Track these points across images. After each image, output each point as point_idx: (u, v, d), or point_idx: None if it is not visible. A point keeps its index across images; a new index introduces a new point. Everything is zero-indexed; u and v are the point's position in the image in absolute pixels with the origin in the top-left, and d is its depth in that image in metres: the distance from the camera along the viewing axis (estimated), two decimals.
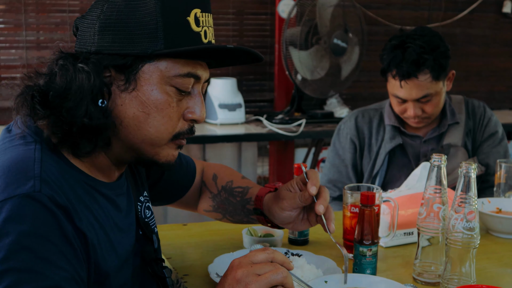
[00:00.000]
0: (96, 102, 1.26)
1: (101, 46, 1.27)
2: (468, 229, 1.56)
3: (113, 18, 1.27)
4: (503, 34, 5.29)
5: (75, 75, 1.24)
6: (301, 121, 4.12)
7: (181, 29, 1.29)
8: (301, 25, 4.06)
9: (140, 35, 1.26)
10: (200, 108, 1.37)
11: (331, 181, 2.74)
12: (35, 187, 1.16)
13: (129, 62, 1.27)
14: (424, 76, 2.47)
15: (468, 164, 1.56)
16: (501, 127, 2.72)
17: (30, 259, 1.10)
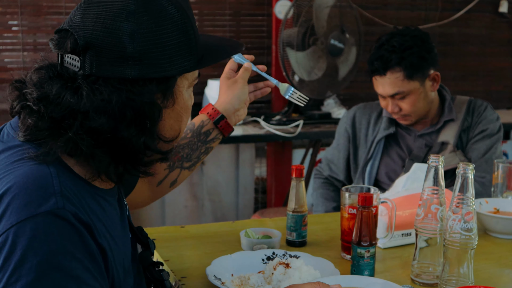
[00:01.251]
0: (150, 129, 1.22)
1: (141, 71, 1.19)
2: (466, 230, 1.56)
3: (149, 42, 1.19)
4: (500, 34, 5.30)
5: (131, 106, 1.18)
6: (299, 122, 4.12)
7: (197, 37, 1.28)
8: (298, 26, 4.06)
9: (177, 53, 1.23)
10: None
11: (327, 159, 2.93)
12: (58, 204, 1.11)
13: (171, 82, 1.26)
14: (394, 74, 2.58)
15: (466, 165, 1.57)
16: (497, 126, 2.69)
17: (61, 278, 1.08)
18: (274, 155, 4.54)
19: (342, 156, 2.86)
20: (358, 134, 2.83)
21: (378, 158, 2.74)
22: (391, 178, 2.69)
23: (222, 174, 4.60)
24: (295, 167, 1.92)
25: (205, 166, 4.56)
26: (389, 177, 2.70)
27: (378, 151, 2.74)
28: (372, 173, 2.72)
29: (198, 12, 4.44)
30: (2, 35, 4.09)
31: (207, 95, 4.18)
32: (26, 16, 4.09)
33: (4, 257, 1.06)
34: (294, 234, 1.94)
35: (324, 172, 2.92)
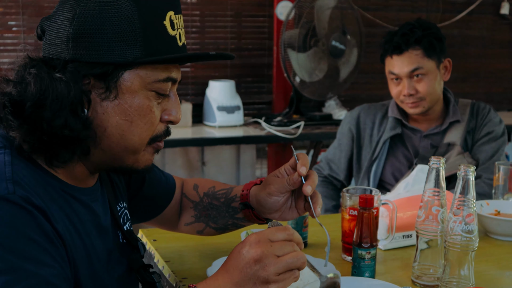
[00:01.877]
0: (76, 112, 1.23)
1: (76, 53, 1.23)
2: (467, 232, 1.56)
3: (88, 24, 1.22)
4: (501, 36, 5.30)
5: (52, 85, 1.20)
6: (300, 123, 4.12)
7: (159, 34, 1.27)
8: (299, 27, 4.06)
9: (119, 42, 1.23)
10: (177, 109, 1.36)
11: (327, 158, 2.93)
12: (8, 189, 1.14)
13: (110, 71, 1.24)
14: (415, 51, 2.63)
15: (467, 167, 1.57)
16: (502, 129, 2.73)
17: (16, 259, 1.09)
18: (275, 156, 4.54)
19: (344, 156, 2.86)
20: (362, 134, 2.83)
21: (383, 159, 2.74)
22: (396, 178, 2.69)
23: (223, 175, 4.60)
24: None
25: (206, 167, 4.56)
26: (395, 177, 2.70)
27: (383, 151, 2.74)
28: (377, 174, 2.73)
29: (200, 13, 4.44)
30: (3, 35, 4.09)
31: (208, 96, 4.18)
32: (27, 16, 4.09)
33: None
34: None
35: (323, 171, 2.92)
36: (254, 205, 1.63)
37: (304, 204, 1.57)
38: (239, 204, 1.66)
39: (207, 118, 4.19)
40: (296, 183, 1.53)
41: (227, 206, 1.70)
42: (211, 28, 4.47)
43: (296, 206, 1.59)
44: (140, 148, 1.32)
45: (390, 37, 2.68)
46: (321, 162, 2.95)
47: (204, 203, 1.74)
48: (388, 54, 2.68)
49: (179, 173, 4.51)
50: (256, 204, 1.62)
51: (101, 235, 1.37)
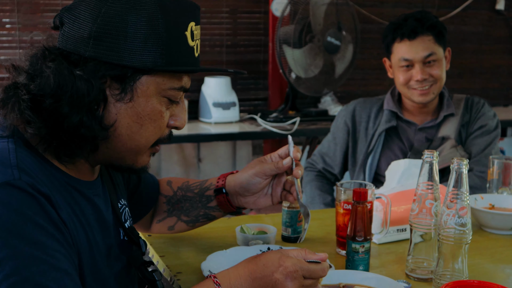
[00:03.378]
0: (92, 111, 1.24)
1: (97, 52, 1.23)
2: (460, 225, 1.57)
3: (112, 25, 1.23)
4: (497, 31, 5.30)
5: (72, 81, 1.20)
6: (295, 119, 4.12)
7: (180, 44, 1.29)
8: (295, 23, 4.06)
9: (141, 47, 1.24)
10: (183, 115, 1.39)
11: (321, 152, 2.93)
12: (14, 175, 1.14)
13: (128, 74, 1.26)
14: (427, 37, 2.65)
15: (460, 160, 1.57)
16: (495, 122, 2.76)
17: (24, 244, 1.09)
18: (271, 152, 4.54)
19: (339, 149, 2.87)
20: (358, 127, 2.84)
21: (378, 151, 2.75)
22: None
23: (219, 171, 4.60)
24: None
25: (201, 163, 4.57)
26: None
27: (379, 144, 2.76)
28: (373, 167, 2.74)
29: None
30: None
31: (204, 92, 4.18)
32: (22, 13, 4.09)
33: None
34: (290, 229, 1.95)
35: (317, 165, 2.92)
36: (230, 191, 1.71)
37: (281, 193, 1.69)
38: (214, 190, 1.72)
39: (202, 114, 4.19)
40: (283, 168, 1.65)
41: (201, 195, 1.76)
42: (206, 25, 4.46)
43: (272, 193, 1.70)
44: (144, 150, 1.35)
45: (398, 24, 2.68)
46: (314, 156, 2.96)
47: (178, 196, 1.79)
48: (399, 38, 2.68)
49: (175, 169, 4.51)
50: (233, 188, 1.70)
51: (102, 230, 1.38)
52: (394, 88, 2.84)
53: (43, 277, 1.09)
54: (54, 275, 1.11)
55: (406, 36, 2.65)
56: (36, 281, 1.09)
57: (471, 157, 2.66)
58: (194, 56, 1.34)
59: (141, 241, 1.50)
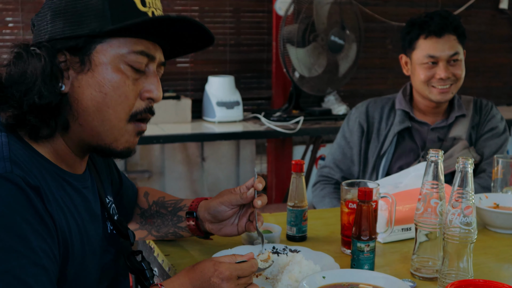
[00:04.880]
0: (49, 83, 1.28)
1: (53, 32, 1.30)
2: (465, 224, 1.57)
3: (62, 5, 1.31)
4: (500, 30, 5.30)
5: (28, 60, 1.27)
6: (299, 119, 4.12)
7: (127, 9, 1.32)
8: (298, 23, 4.06)
9: (88, 16, 1.29)
10: (156, 86, 1.38)
11: (335, 161, 2.83)
12: (6, 168, 1.17)
13: (81, 44, 1.30)
14: (452, 36, 2.65)
15: (465, 159, 1.57)
16: (504, 125, 2.80)
17: (8, 238, 1.12)
18: (274, 152, 4.55)
19: (356, 152, 2.80)
20: (371, 128, 2.81)
21: (391, 152, 2.73)
22: None
23: (222, 171, 4.61)
24: (295, 162, 1.92)
25: (205, 162, 4.57)
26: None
27: (392, 145, 2.73)
28: (385, 168, 2.72)
29: (199, 8, 4.44)
30: (1, 31, 4.09)
31: (208, 91, 4.18)
32: (26, 12, 4.09)
33: None
34: (294, 229, 1.95)
35: (334, 176, 2.81)
36: (200, 216, 1.76)
37: (246, 223, 1.74)
38: (186, 212, 1.77)
39: (206, 113, 4.20)
40: (248, 198, 1.70)
41: (173, 214, 1.81)
42: (210, 24, 4.46)
43: (238, 223, 1.76)
44: (118, 123, 1.35)
45: (424, 22, 2.66)
46: (326, 167, 2.84)
47: (152, 211, 1.83)
48: (425, 35, 2.66)
49: (179, 168, 4.52)
50: (203, 214, 1.75)
51: (92, 221, 1.41)
52: (406, 88, 2.83)
53: (22, 272, 1.13)
54: (34, 270, 1.15)
55: (433, 33, 2.64)
56: (15, 274, 1.12)
57: (483, 158, 2.66)
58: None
59: (130, 232, 1.54)
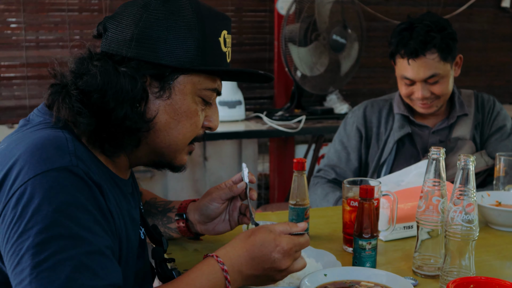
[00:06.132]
0: (135, 106, 1.32)
1: (138, 53, 1.34)
2: (467, 222, 1.56)
3: (153, 29, 1.34)
4: (502, 29, 5.29)
5: (117, 78, 1.29)
6: (301, 118, 4.12)
7: (214, 49, 1.40)
8: (300, 22, 4.06)
9: (179, 48, 1.35)
10: (216, 117, 1.49)
11: (330, 165, 2.77)
12: (72, 162, 1.21)
13: (167, 73, 1.36)
14: (432, 56, 2.51)
15: (466, 157, 1.57)
16: (510, 121, 2.73)
17: (74, 226, 1.15)
18: (276, 151, 4.55)
19: (354, 157, 2.74)
20: (369, 133, 2.74)
21: (392, 159, 2.66)
22: None
23: (225, 170, 4.61)
24: (296, 160, 1.92)
25: (208, 161, 4.57)
26: None
27: (392, 152, 2.66)
28: (387, 174, 2.66)
29: None
30: (3, 32, 4.09)
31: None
32: (28, 13, 4.10)
33: (23, 206, 1.15)
34: None
35: (328, 176, 2.75)
36: (190, 217, 1.77)
37: (239, 217, 1.78)
38: (175, 214, 1.78)
39: None
40: (237, 191, 1.74)
41: (163, 215, 1.82)
42: None
43: (230, 218, 1.78)
44: (182, 147, 1.44)
45: (403, 37, 2.53)
46: (323, 170, 2.78)
47: (144, 210, 1.83)
48: (401, 56, 2.55)
49: None
50: (193, 215, 1.76)
51: (133, 227, 1.45)
52: None
53: (88, 258, 1.15)
54: (99, 258, 1.17)
55: (408, 55, 2.52)
56: (81, 260, 1.14)
57: None
58: (226, 61, 1.45)
59: (163, 239, 1.59)
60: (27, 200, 1.15)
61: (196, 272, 1.33)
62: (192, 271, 1.33)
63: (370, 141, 2.74)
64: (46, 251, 1.11)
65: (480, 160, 2.58)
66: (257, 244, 1.38)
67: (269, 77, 1.50)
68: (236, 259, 1.36)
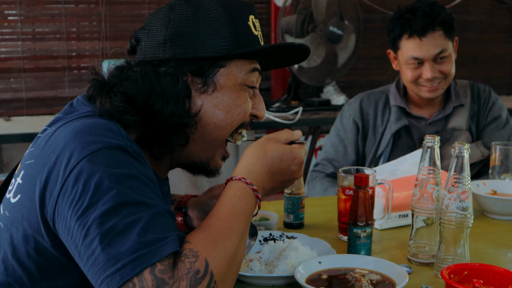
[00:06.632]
0: (180, 104, 1.34)
1: (174, 52, 1.37)
2: (462, 209, 1.57)
3: (183, 26, 1.37)
4: (499, 20, 5.29)
5: (158, 79, 1.33)
6: (298, 109, 4.12)
7: (246, 33, 1.42)
8: (297, 13, 4.05)
9: (212, 39, 1.37)
10: (263, 106, 1.51)
11: (327, 159, 2.77)
12: (126, 142, 1.23)
13: (206, 67, 1.38)
14: (438, 32, 2.55)
15: (461, 145, 1.57)
16: (506, 111, 2.74)
17: (135, 194, 1.17)
18: None
19: (351, 150, 2.74)
20: (366, 125, 2.74)
21: (389, 151, 2.66)
22: None
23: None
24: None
25: None
26: None
27: (389, 144, 2.66)
28: None
29: None
30: (0, 24, 4.08)
31: None
32: (25, 5, 4.09)
33: (84, 182, 1.16)
34: (292, 216, 1.95)
35: (326, 170, 2.75)
36: (189, 213, 1.76)
37: None
38: (175, 208, 1.77)
39: None
40: None
41: None
42: None
43: None
44: (227, 135, 1.46)
45: (406, 19, 2.56)
46: (321, 164, 2.78)
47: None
48: (407, 35, 2.56)
49: None
50: (192, 211, 1.75)
51: None
52: (399, 81, 2.76)
53: (153, 219, 1.16)
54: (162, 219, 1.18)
55: (416, 33, 2.54)
56: (147, 221, 1.15)
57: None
58: (260, 44, 1.46)
59: None
60: (87, 176, 1.16)
61: (233, 200, 1.32)
62: (228, 199, 1.32)
63: (367, 133, 2.74)
64: (112, 220, 1.13)
65: (476, 151, 2.59)
66: (276, 159, 1.40)
67: (305, 48, 1.50)
68: (259, 177, 1.37)
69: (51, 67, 4.25)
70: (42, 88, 4.24)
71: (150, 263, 1.11)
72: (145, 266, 1.10)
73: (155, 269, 1.11)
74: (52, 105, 4.24)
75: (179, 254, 1.15)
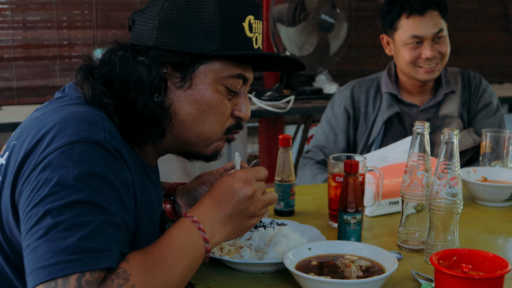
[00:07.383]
0: (153, 96, 1.33)
1: (159, 41, 1.35)
2: (451, 195, 1.57)
3: (173, 15, 1.35)
4: (492, 9, 5.29)
5: (135, 67, 1.31)
6: (290, 98, 4.11)
7: (236, 33, 1.38)
8: (289, 1, 4.04)
9: (199, 35, 1.34)
10: (246, 107, 1.46)
11: (318, 146, 2.77)
12: (106, 138, 1.22)
13: (187, 62, 1.36)
14: (435, 12, 2.58)
15: (450, 131, 1.57)
16: (496, 98, 2.75)
17: (96, 196, 1.16)
18: (266, 132, 4.54)
19: (342, 138, 2.74)
20: (357, 112, 2.74)
21: (380, 138, 2.66)
22: None
23: None
24: (282, 136, 1.92)
25: None
26: None
27: (381, 132, 2.67)
28: None
29: None
30: None
31: None
32: None
33: (50, 172, 1.16)
34: (282, 203, 1.95)
35: (316, 158, 2.75)
36: (178, 200, 1.76)
37: None
38: (163, 195, 1.76)
39: None
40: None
41: None
42: None
43: None
44: (214, 137, 1.44)
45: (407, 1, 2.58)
46: (311, 151, 2.78)
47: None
48: (407, 14, 2.58)
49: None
50: (180, 198, 1.75)
51: (157, 213, 1.48)
52: (390, 68, 2.76)
53: (104, 227, 1.15)
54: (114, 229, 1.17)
55: (416, 12, 2.56)
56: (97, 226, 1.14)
57: None
58: (252, 47, 1.41)
59: (166, 226, 1.59)
60: (55, 167, 1.16)
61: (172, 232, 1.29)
62: (169, 233, 1.29)
63: (358, 121, 2.74)
64: (64, 215, 1.12)
65: (467, 138, 2.59)
66: (217, 187, 1.37)
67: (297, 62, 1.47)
68: (203, 208, 1.33)
69: (42, 56, 4.23)
70: (33, 77, 4.22)
71: (80, 270, 1.10)
72: (75, 271, 1.09)
73: (82, 277, 1.10)
74: (43, 94, 4.22)
75: (113, 271, 1.14)
